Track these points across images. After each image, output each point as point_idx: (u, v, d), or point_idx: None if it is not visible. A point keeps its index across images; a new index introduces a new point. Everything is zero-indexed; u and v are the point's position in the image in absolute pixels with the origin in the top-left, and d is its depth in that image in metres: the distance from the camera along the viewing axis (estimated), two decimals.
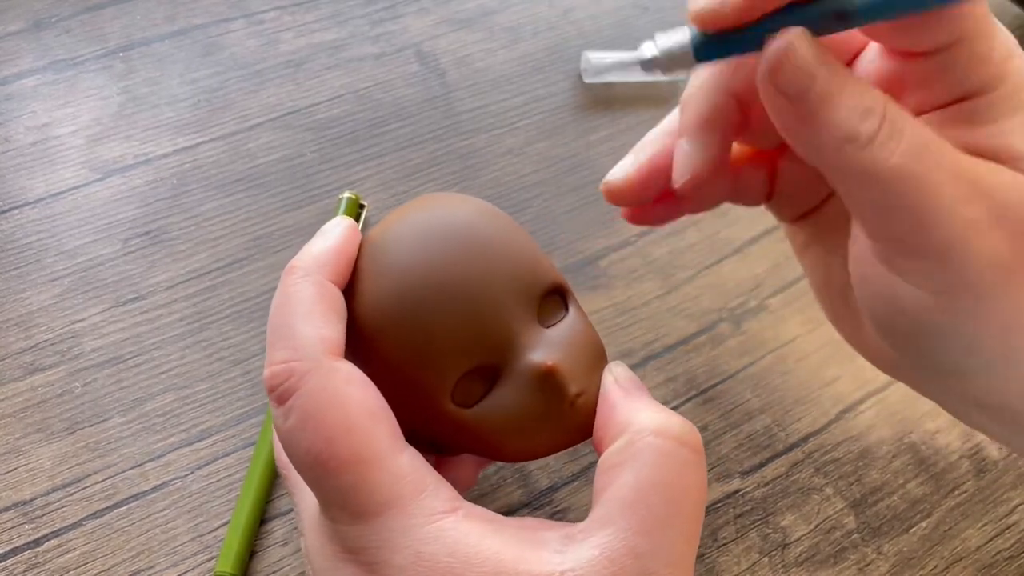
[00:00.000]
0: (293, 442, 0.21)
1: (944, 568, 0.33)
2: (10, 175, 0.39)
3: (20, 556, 0.30)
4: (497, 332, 0.23)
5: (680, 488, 0.21)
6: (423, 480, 0.21)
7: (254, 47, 0.45)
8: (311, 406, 0.20)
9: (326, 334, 0.21)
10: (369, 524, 0.20)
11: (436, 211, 0.24)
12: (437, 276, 0.22)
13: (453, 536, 0.20)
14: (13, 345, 0.35)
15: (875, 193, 0.20)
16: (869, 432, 0.36)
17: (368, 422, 0.21)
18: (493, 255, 0.23)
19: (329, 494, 0.21)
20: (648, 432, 0.21)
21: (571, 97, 0.46)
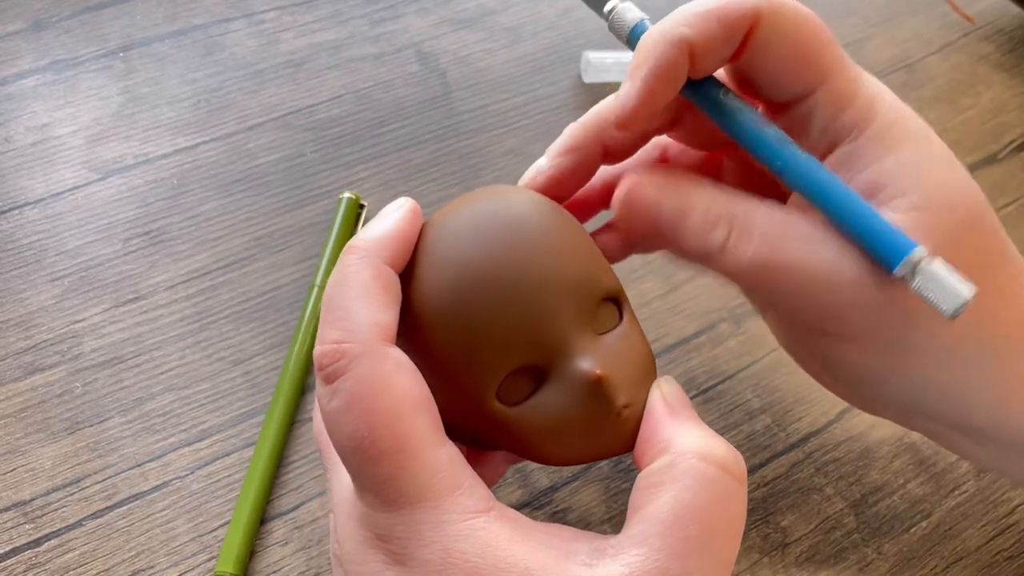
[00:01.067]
0: (336, 424, 0.21)
1: (944, 568, 0.33)
2: (10, 175, 0.39)
3: (20, 556, 0.30)
4: (549, 333, 0.22)
5: (719, 515, 0.20)
6: (459, 477, 0.21)
7: (254, 47, 0.45)
8: (359, 390, 0.20)
9: (380, 319, 0.21)
10: (402, 514, 0.20)
11: (499, 203, 0.23)
12: (494, 271, 0.22)
13: (483, 537, 0.20)
14: (13, 345, 0.35)
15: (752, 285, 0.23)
16: (869, 432, 0.36)
17: (412, 412, 0.21)
18: (554, 255, 0.23)
19: (367, 480, 0.21)
20: (692, 455, 0.21)
21: (571, 97, 0.46)
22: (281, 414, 0.33)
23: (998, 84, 0.49)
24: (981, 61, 0.50)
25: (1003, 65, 0.50)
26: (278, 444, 0.33)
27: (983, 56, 0.51)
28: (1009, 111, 0.48)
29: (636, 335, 0.24)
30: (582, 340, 0.23)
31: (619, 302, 0.24)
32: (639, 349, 0.24)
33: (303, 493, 0.33)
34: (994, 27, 0.52)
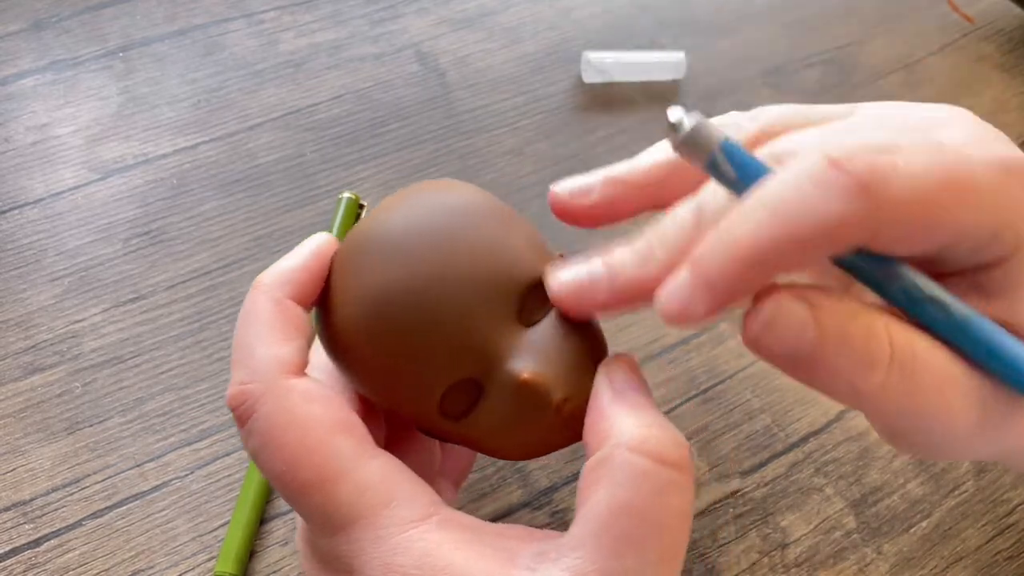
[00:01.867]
0: (259, 464, 0.21)
1: (944, 568, 0.33)
2: (10, 175, 0.39)
3: (20, 556, 0.30)
4: (475, 343, 0.22)
5: (657, 509, 0.19)
6: (392, 489, 0.20)
7: (254, 47, 0.45)
8: (268, 429, 0.21)
9: (282, 353, 0.21)
10: (341, 536, 0.20)
11: (409, 212, 0.22)
12: (407, 292, 0.21)
13: (422, 547, 0.20)
14: (13, 345, 0.35)
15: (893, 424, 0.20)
16: (869, 432, 0.36)
17: (328, 439, 0.20)
18: (466, 259, 0.22)
19: (301, 511, 0.21)
20: (624, 447, 0.20)
21: (571, 97, 0.46)
22: None
23: (998, 84, 0.49)
24: (981, 61, 0.50)
25: (1003, 65, 0.50)
26: None
27: (983, 56, 0.51)
28: (1009, 111, 0.48)
29: (583, 325, 0.23)
30: (510, 339, 0.22)
31: None
32: (577, 331, 0.22)
33: None
34: (994, 27, 0.52)
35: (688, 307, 0.18)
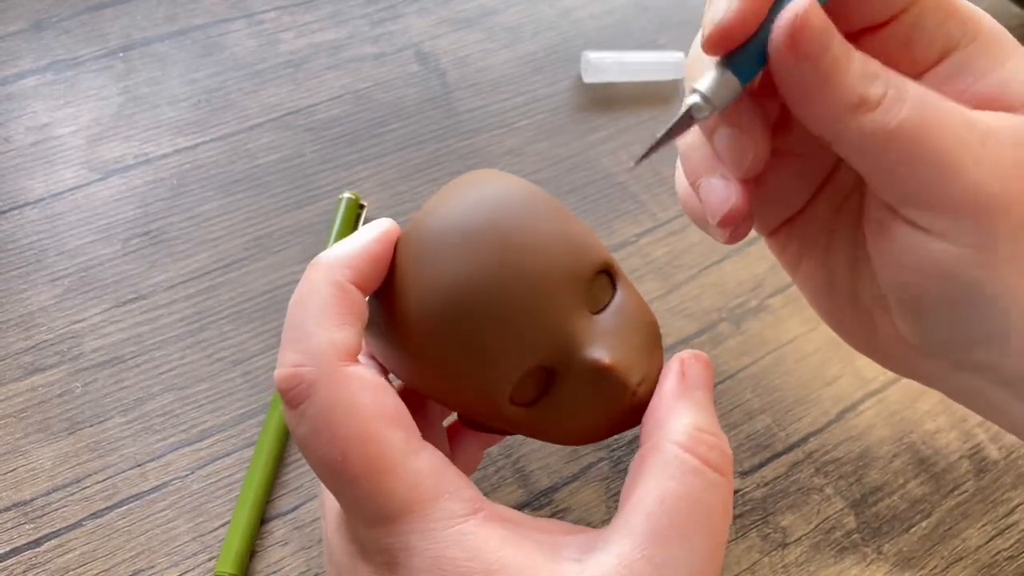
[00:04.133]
0: (308, 450, 0.21)
1: (944, 568, 0.33)
2: (10, 175, 0.39)
3: (20, 556, 0.30)
4: (550, 331, 0.22)
5: (705, 505, 0.20)
6: (442, 483, 0.20)
7: (254, 47, 0.45)
8: (323, 416, 0.20)
9: (339, 338, 0.21)
10: (389, 528, 0.20)
11: (475, 202, 0.22)
12: (482, 283, 0.21)
13: (473, 541, 0.20)
14: (13, 345, 0.35)
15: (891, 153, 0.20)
16: (869, 432, 0.36)
17: (382, 430, 0.20)
18: (539, 246, 0.22)
19: (347, 501, 0.21)
20: (676, 444, 0.21)
21: (571, 97, 0.46)
22: (281, 414, 0.33)
23: None
24: None
25: None
26: (278, 444, 0.33)
27: None
28: None
29: (634, 303, 0.23)
30: (583, 326, 0.22)
31: (610, 272, 0.24)
32: (639, 316, 0.23)
33: (303, 493, 0.33)
34: None
35: None
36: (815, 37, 0.20)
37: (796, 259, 0.28)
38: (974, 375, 0.24)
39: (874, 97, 0.20)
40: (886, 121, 0.20)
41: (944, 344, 0.23)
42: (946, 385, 0.25)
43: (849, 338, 0.27)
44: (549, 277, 0.22)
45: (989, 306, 0.21)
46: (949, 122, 0.20)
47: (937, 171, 0.20)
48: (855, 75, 0.20)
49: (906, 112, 0.20)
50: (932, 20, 0.22)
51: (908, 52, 0.22)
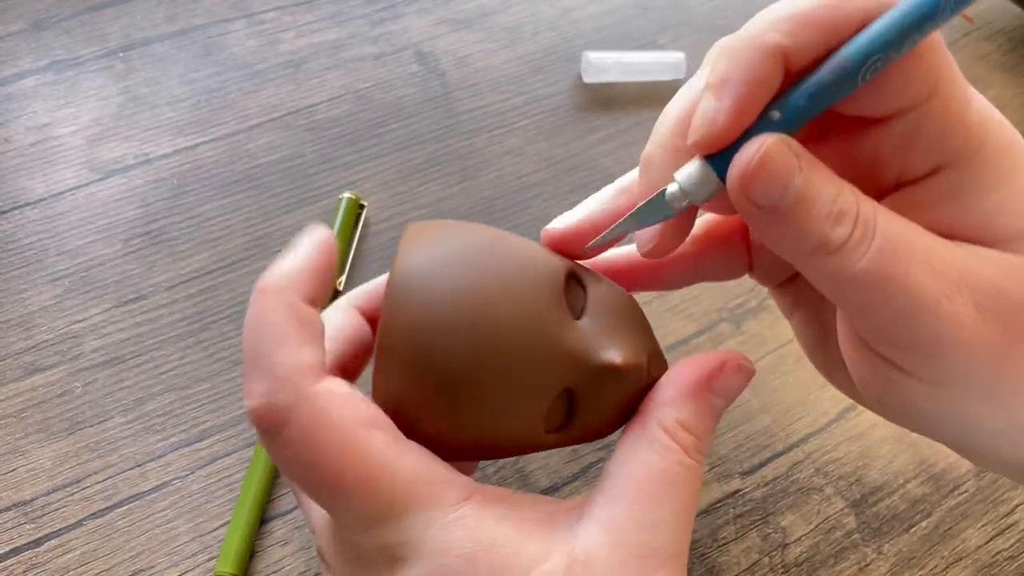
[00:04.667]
0: (295, 473, 0.21)
1: (944, 568, 0.33)
2: (10, 175, 0.39)
3: (20, 556, 0.30)
4: (558, 356, 0.22)
5: (682, 479, 0.22)
6: (434, 474, 0.21)
7: (254, 47, 0.45)
8: (307, 436, 0.20)
9: (304, 359, 0.21)
10: (388, 527, 0.20)
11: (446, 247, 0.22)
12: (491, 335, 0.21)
13: (473, 523, 0.20)
14: (13, 345, 0.35)
15: (853, 295, 0.20)
16: (869, 432, 0.36)
17: (366, 436, 0.20)
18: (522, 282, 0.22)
19: (343, 513, 0.21)
20: (662, 428, 0.22)
21: (571, 97, 0.46)
22: None
23: (998, 84, 0.49)
24: (981, 61, 0.50)
25: (1003, 65, 0.50)
26: None
27: (983, 56, 0.51)
28: (1009, 111, 0.48)
29: (603, 290, 0.23)
30: (579, 337, 0.22)
31: (576, 276, 0.23)
32: (617, 301, 0.23)
33: None
34: (994, 27, 0.52)
35: None
36: (772, 182, 0.19)
37: (790, 309, 0.28)
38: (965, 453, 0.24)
39: (836, 240, 0.19)
40: (847, 266, 0.19)
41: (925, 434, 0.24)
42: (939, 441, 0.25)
43: (840, 387, 0.27)
44: (539, 306, 0.22)
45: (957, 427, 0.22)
46: (914, 270, 0.19)
47: (896, 317, 0.19)
48: (818, 216, 0.19)
49: (869, 258, 0.19)
50: (933, 128, 0.20)
51: (900, 158, 0.21)
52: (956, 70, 0.20)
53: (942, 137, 0.20)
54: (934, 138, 0.20)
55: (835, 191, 0.19)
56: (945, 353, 0.19)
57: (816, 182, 0.19)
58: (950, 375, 0.20)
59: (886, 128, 0.21)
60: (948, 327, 0.19)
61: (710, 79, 0.20)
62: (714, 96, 0.19)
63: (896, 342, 0.20)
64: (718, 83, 0.19)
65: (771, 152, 0.19)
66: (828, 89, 0.19)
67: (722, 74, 0.19)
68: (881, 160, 0.21)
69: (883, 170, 0.21)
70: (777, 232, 0.20)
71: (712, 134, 0.20)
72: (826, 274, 0.20)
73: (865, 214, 0.19)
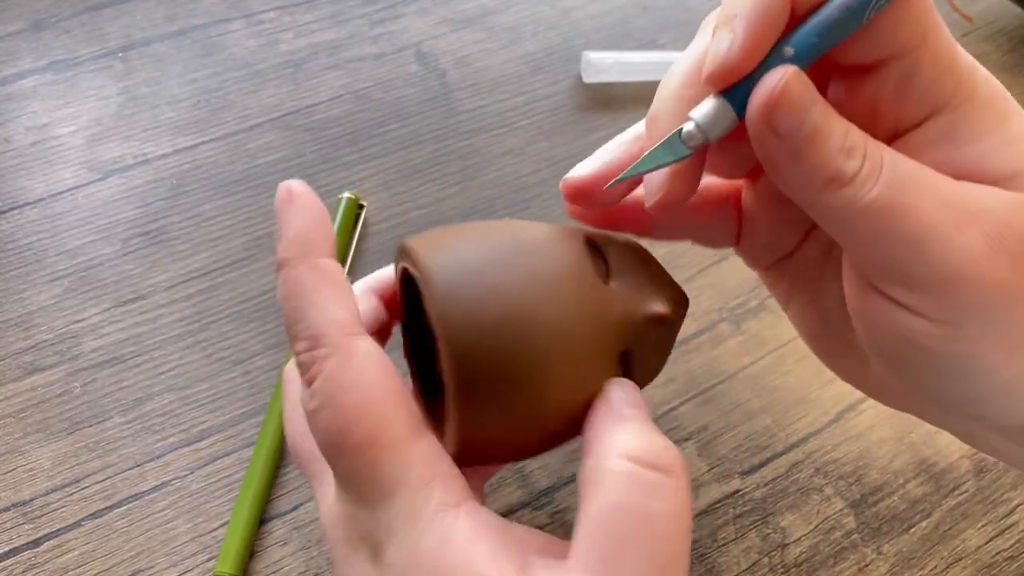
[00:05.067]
0: (314, 423, 0.21)
1: (944, 568, 0.33)
2: (10, 175, 0.39)
3: (19, 556, 0.30)
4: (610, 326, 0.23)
5: (649, 512, 0.20)
6: (434, 470, 0.21)
7: (254, 47, 0.45)
8: (331, 386, 0.21)
9: (339, 316, 0.21)
10: (378, 508, 0.21)
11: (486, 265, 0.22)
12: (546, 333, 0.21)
13: (446, 533, 0.20)
14: (13, 345, 0.35)
15: (863, 229, 0.20)
16: (869, 432, 0.36)
17: (386, 405, 0.21)
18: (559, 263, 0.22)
19: (344, 475, 0.21)
20: (615, 455, 0.20)
21: (571, 97, 0.46)
22: (281, 414, 0.33)
23: None
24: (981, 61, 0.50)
25: (1003, 65, 0.50)
26: (278, 444, 0.33)
27: (983, 56, 0.51)
28: None
29: (620, 246, 0.24)
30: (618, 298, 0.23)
31: (592, 242, 0.24)
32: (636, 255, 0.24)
33: (303, 493, 0.33)
34: (994, 27, 0.52)
35: None
36: (793, 111, 0.19)
37: (787, 296, 0.28)
38: (968, 421, 0.24)
39: (848, 172, 0.20)
40: (858, 197, 0.20)
41: (930, 397, 0.23)
42: (942, 425, 0.25)
43: (842, 374, 0.27)
44: (579, 286, 0.22)
45: (969, 375, 0.21)
46: (924, 201, 0.19)
47: (908, 249, 0.20)
48: (831, 149, 0.20)
49: (879, 190, 0.19)
50: (926, 74, 0.20)
51: (897, 105, 0.21)
52: (941, 21, 0.20)
53: (935, 83, 0.20)
54: (927, 84, 0.21)
55: (845, 128, 0.20)
56: (959, 287, 0.19)
57: (829, 117, 0.20)
58: (963, 313, 0.20)
59: (880, 76, 0.21)
60: (961, 258, 0.19)
61: (720, 16, 0.20)
62: (727, 29, 0.20)
63: (907, 276, 0.20)
64: (729, 17, 0.20)
65: (792, 82, 0.19)
66: (838, 25, 0.20)
67: (733, 9, 0.20)
68: (878, 109, 0.21)
69: (880, 119, 0.21)
70: (792, 165, 0.20)
71: (727, 66, 0.20)
72: (836, 208, 0.20)
73: (873, 149, 0.20)
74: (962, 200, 0.20)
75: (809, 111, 0.20)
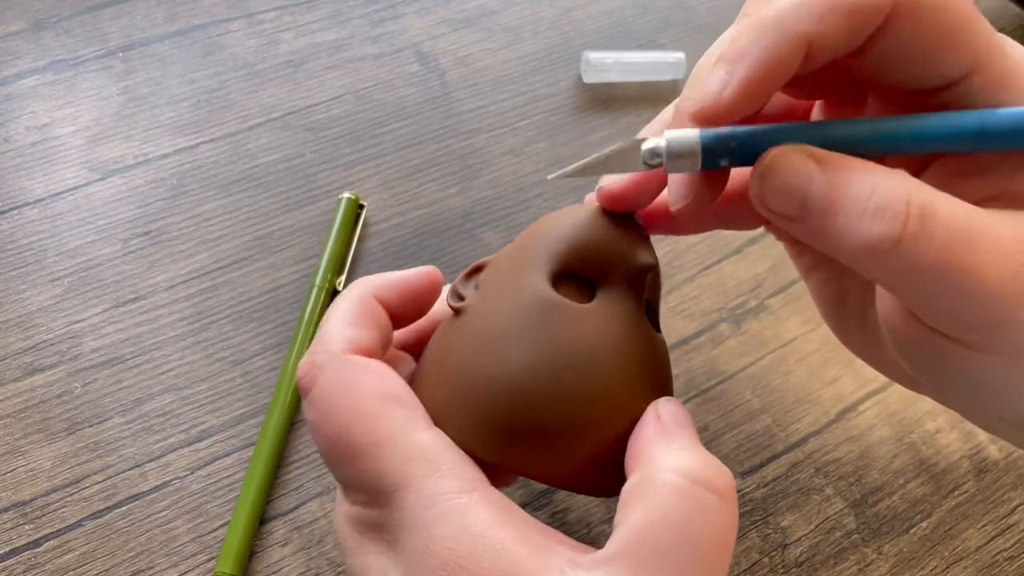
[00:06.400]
0: (315, 433, 0.22)
1: (944, 568, 0.33)
2: (10, 175, 0.39)
3: (20, 557, 0.30)
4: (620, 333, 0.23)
5: (695, 529, 0.19)
6: (439, 459, 0.21)
7: (254, 47, 0.45)
8: (327, 394, 0.21)
9: (350, 334, 0.23)
10: (387, 504, 0.21)
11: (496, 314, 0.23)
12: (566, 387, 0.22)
13: (461, 521, 0.19)
14: (13, 345, 0.35)
15: (916, 287, 0.18)
16: (869, 432, 0.36)
17: (381, 405, 0.21)
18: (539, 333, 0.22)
19: (348, 478, 0.22)
20: (666, 469, 0.20)
21: (571, 97, 0.46)
22: (281, 414, 0.33)
23: None
24: None
25: None
26: (278, 444, 0.33)
27: None
28: None
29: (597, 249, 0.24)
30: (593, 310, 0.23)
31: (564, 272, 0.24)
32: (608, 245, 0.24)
33: (303, 493, 0.33)
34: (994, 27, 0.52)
35: None
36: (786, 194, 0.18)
37: (808, 269, 0.28)
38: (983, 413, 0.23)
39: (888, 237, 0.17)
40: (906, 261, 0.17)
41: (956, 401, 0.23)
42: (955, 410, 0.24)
43: (854, 350, 0.27)
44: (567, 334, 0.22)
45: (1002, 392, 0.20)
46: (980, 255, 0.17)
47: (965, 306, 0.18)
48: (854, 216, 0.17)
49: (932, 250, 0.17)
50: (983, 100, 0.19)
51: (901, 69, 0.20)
52: (993, 33, 0.19)
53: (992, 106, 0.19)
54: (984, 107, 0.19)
55: (870, 186, 0.18)
56: (1010, 329, 0.18)
57: (841, 182, 0.18)
58: (1010, 348, 0.19)
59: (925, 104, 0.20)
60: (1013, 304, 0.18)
61: (726, 51, 0.19)
62: (726, 67, 0.19)
63: (960, 324, 0.19)
64: (735, 56, 0.19)
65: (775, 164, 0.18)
66: None
67: (741, 48, 0.19)
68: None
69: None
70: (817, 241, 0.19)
71: (715, 107, 0.19)
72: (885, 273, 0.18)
73: (919, 198, 0.17)
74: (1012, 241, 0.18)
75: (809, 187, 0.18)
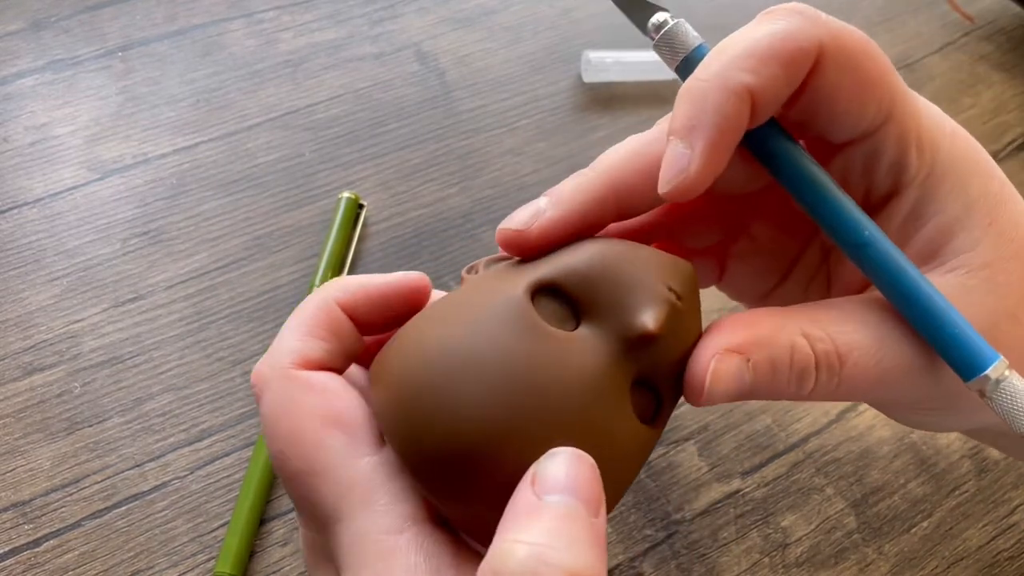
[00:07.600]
0: (267, 447, 0.22)
1: (945, 568, 0.33)
2: (9, 175, 0.39)
3: (19, 556, 0.30)
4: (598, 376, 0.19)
5: None
6: (375, 492, 0.19)
7: (253, 47, 0.45)
8: (268, 414, 0.21)
9: (300, 346, 0.21)
10: (328, 532, 0.20)
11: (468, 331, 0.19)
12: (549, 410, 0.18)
13: (385, 564, 0.18)
14: (12, 345, 0.35)
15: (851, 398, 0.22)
16: (870, 432, 0.36)
17: (319, 431, 0.20)
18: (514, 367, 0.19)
19: (293, 500, 0.21)
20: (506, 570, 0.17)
21: (571, 97, 0.46)
22: None
23: (998, 84, 0.49)
24: (981, 61, 0.50)
25: (1003, 65, 0.50)
26: None
27: (983, 56, 0.51)
28: (1009, 111, 0.48)
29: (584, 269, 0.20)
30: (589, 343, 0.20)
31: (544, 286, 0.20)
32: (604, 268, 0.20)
33: None
34: (994, 27, 0.52)
35: None
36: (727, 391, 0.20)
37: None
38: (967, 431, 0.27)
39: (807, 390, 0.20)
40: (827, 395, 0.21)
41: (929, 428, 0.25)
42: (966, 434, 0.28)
43: None
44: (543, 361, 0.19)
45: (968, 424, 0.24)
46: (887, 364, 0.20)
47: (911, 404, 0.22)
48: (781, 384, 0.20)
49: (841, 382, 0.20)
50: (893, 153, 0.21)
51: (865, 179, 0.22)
52: (907, 91, 0.21)
53: (899, 159, 0.21)
54: (891, 162, 0.21)
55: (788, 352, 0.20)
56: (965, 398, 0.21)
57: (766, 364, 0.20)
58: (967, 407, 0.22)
59: (850, 153, 0.21)
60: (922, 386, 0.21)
61: (674, 124, 0.19)
62: (684, 143, 0.19)
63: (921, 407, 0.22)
64: (686, 128, 0.19)
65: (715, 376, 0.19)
66: None
67: (689, 119, 0.19)
68: (849, 183, 0.22)
69: (852, 191, 0.22)
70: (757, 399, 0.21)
71: (685, 183, 0.19)
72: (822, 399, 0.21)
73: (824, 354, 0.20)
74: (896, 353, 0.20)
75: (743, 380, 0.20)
